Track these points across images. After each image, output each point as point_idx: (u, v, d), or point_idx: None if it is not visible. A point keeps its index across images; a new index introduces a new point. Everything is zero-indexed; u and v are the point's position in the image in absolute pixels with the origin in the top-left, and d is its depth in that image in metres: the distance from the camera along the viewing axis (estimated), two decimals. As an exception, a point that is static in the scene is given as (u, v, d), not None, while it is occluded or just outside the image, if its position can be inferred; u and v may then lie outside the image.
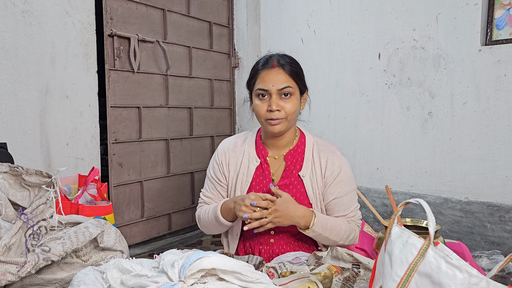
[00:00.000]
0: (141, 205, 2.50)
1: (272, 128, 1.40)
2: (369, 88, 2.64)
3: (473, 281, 0.75)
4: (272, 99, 1.38)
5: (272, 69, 1.39)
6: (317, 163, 1.48)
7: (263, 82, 1.39)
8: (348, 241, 1.45)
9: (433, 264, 0.80)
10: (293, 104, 1.40)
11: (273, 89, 1.37)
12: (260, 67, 1.42)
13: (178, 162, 2.73)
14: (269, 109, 1.38)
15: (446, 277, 0.77)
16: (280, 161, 1.50)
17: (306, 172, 1.47)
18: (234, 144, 1.55)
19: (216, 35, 2.99)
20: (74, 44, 2.09)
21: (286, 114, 1.39)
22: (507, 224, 2.15)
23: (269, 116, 1.39)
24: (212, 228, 1.51)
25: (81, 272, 0.99)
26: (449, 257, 0.80)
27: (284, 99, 1.39)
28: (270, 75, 1.38)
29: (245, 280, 0.97)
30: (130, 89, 2.39)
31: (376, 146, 2.62)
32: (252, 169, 1.49)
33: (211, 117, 2.97)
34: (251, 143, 1.53)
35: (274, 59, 1.41)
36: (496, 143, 2.19)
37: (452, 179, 2.34)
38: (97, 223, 1.18)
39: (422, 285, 0.80)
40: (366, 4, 2.62)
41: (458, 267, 0.77)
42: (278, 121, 1.39)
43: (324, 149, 1.50)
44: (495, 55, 2.17)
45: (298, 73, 1.44)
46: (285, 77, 1.39)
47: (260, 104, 1.40)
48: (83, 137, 2.14)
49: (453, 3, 2.28)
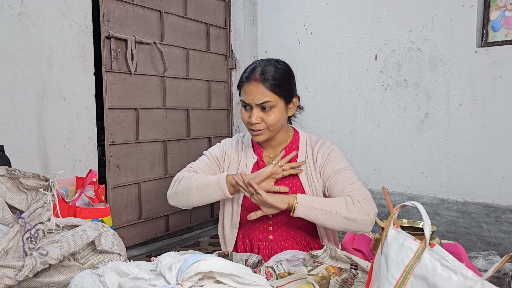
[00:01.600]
0: (139, 207, 2.50)
1: (255, 138, 1.45)
2: (366, 89, 2.65)
3: (468, 284, 0.76)
4: (253, 111, 1.40)
5: (253, 83, 1.38)
6: (310, 157, 1.51)
7: (244, 95, 1.41)
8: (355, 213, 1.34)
9: (428, 266, 0.80)
10: (275, 115, 1.41)
11: (252, 103, 1.39)
12: (244, 78, 1.43)
13: (175, 164, 2.73)
14: (248, 120, 1.41)
15: (442, 280, 0.78)
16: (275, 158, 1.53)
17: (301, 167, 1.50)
18: (236, 142, 1.61)
19: (213, 37, 3.00)
20: (71, 46, 2.08)
21: (267, 125, 1.41)
22: (503, 225, 2.16)
23: (251, 127, 1.42)
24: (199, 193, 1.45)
25: (79, 275, 0.99)
26: (444, 259, 0.81)
27: (265, 112, 1.40)
28: (250, 88, 1.39)
29: (242, 283, 0.97)
30: (127, 90, 2.39)
31: (373, 147, 2.63)
32: (250, 166, 1.53)
33: (208, 118, 2.97)
34: (249, 142, 1.58)
35: (257, 71, 1.40)
36: (492, 144, 2.20)
37: (448, 180, 2.35)
38: (95, 225, 1.18)
39: (418, 287, 0.81)
40: (362, 6, 2.63)
41: (453, 269, 0.78)
42: (260, 132, 1.42)
43: (315, 142, 1.54)
44: (490, 57, 2.18)
45: (281, 84, 1.41)
46: (264, 92, 1.38)
47: (244, 113, 1.44)
48: (80, 139, 2.14)
49: (449, 4, 2.29)
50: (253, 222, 1.53)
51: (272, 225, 1.52)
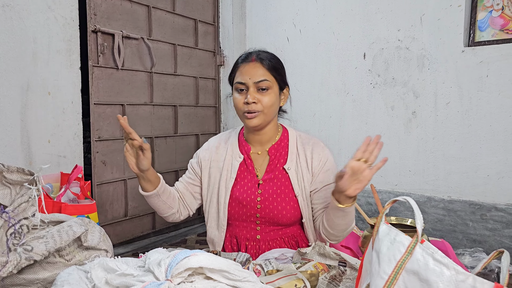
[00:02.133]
0: (125, 204, 2.47)
1: (249, 121, 1.42)
2: (354, 88, 2.66)
3: (460, 278, 0.76)
4: (249, 91, 1.39)
5: (250, 63, 1.40)
6: (302, 156, 1.50)
7: (241, 75, 1.41)
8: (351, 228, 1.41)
9: (420, 261, 0.80)
10: (270, 98, 1.41)
11: (250, 81, 1.39)
12: (239, 61, 1.44)
13: (162, 161, 2.70)
14: (245, 101, 1.39)
15: (434, 274, 0.78)
16: (263, 156, 1.52)
17: (291, 165, 1.48)
18: (219, 142, 1.58)
19: (202, 33, 2.97)
20: (56, 40, 2.04)
21: (263, 107, 1.40)
22: (488, 222, 2.19)
23: (246, 109, 1.40)
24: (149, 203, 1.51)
25: (65, 272, 0.96)
26: (436, 254, 0.81)
27: (261, 93, 1.40)
28: (248, 68, 1.40)
29: (232, 279, 0.96)
30: (114, 86, 2.35)
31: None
32: (236, 165, 1.50)
33: (196, 115, 2.95)
34: (234, 141, 1.55)
35: (254, 54, 1.43)
36: (478, 143, 2.23)
37: (435, 178, 2.38)
38: (81, 221, 1.16)
39: (409, 282, 0.81)
40: (351, 4, 2.63)
41: (446, 264, 0.78)
42: (255, 114, 1.40)
43: (308, 141, 1.52)
44: (477, 56, 2.21)
45: (277, 68, 1.45)
46: (262, 70, 1.40)
47: (238, 97, 1.42)
48: (66, 134, 2.10)
49: (437, 4, 2.31)
50: (241, 222, 1.51)
51: (260, 224, 1.50)
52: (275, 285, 1.15)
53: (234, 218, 1.50)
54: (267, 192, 1.47)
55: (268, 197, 1.47)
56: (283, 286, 1.15)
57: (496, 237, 2.17)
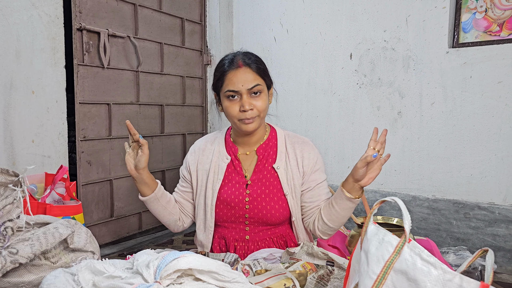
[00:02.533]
0: (111, 204, 2.44)
1: (246, 127, 1.41)
2: (341, 88, 2.68)
3: (447, 277, 0.77)
4: (243, 99, 1.37)
5: (239, 69, 1.37)
6: (292, 155, 1.50)
7: (231, 84, 1.37)
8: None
9: (408, 261, 0.81)
10: (264, 101, 1.42)
11: (243, 89, 1.37)
12: (226, 68, 1.39)
13: (148, 160, 2.66)
14: (242, 109, 1.38)
15: (421, 274, 0.79)
16: (251, 156, 1.52)
17: (281, 164, 1.49)
18: (205, 144, 1.57)
19: (188, 32, 2.96)
20: (40, 38, 2.00)
21: (259, 111, 1.40)
22: (472, 221, 2.23)
23: (242, 116, 1.39)
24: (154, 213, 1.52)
25: (51, 275, 0.95)
26: (423, 254, 0.82)
27: (255, 97, 1.40)
28: (238, 75, 1.37)
29: (221, 280, 0.96)
30: (99, 85, 2.32)
31: (347, 145, 2.67)
32: (223, 167, 1.50)
33: (182, 114, 2.93)
34: (221, 142, 1.54)
35: (239, 58, 1.39)
36: (462, 143, 2.27)
37: (420, 178, 2.41)
38: (67, 223, 1.14)
39: (398, 282, 0.81)
40: (338, 5, 2.65)
41: (433, 264, 0.79)
42: (252, 120, 1.40)
43: (297, 140, 1.53)
44: (461, 57, 2.24)
45: (264, 69, 1.44)
46: (253, 75, 1.38)
47: (231, 105, 1.40)
48: (50, 134, 2.07)
49: (423, 5, 2.34)
50: (229, 223, 1.51)
51: (249, 225, 1.50)
52: (264, 285, 1.15)
53: (222, 219, 1.49)
54: (255, 192, 1.47)
55: (256, 197, 1.47)
56: (272, 285, 1.15)
57: (479, 235, 2.21)
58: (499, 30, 2.18)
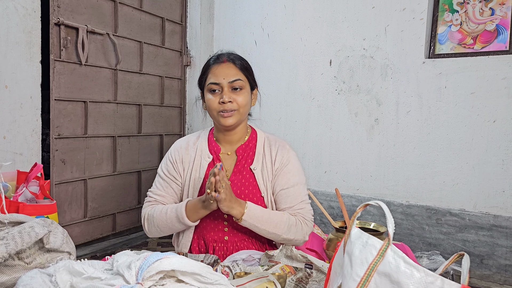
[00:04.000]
0: (84, 205, 2.38)
1: (225, 120, 1.43)
2: (320, 93, 2.71)
3: (429, 280, 0.79)
4: (224, 91, 1.41)
5: (222, 64, 1.43)
6: (268, 156, 1.52)
7: (214, 76, 1.42)
8: (293, 234, 1.44)
9: (392, 264, 0.83)
10: (244, 97, 1.45)
11: (224, 81, 1.41)
12: (211, 62, 1.46)
13: (125, 161, 2.63)
14: (221, 101, 1.41)
15: (405, 276, 0.80)
16: (232, 156, 1.53)
17: (257, 165, 1.50)
18: (187, 143, 1.56)
19: (169, 32, 2.93)
20: (15, 31, 1.94)
21: (238, 106, 1.43)
22: (443, 227, 2.30)
23: (222, 108, 1.41)
24: (166, 229, 1.46)
25: (27, 275, 0.91)
26: (406, 257, 0.84)
27: (236, 92, 1.43)
28: (221, 69, 1.42)
29: (204, 282, 0.95)
30: (76, 82, 2.26)
31: (325, 150, 2.70)
32: (204, 165, 1.50)
33: (160, 115, 2.90)
34: (204, 141, 1.55)
35: (224, 55, 1.46)
36: (435, 151, 2.33)
37: (395, 184, 2.46)
38: (43, 222, 1.10)
39: (381, 284, 0.83)
40: (319, 11, 2.68)
41: (416, 267, 0.80)
42: (231, 113, 1.42)
43: (275, 143, 1.55)
44: (437, 68, 2.31)
45: (248, 68, 1.50)
46: (235, 70, 1.44)
47: (212, 98, 1.43)
48: (23, 130, 2.00)
49: (401, 16, 2.40)
50: (208, 223, 1.50)
51: (228, 225, 1.50)
52: (246, 287, 1.14)
53: (201, 219, 1.48)
54: (235, 193, 1.47)
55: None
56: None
57: (450, 241, 2.28)
58: (473, 43, 2.26)
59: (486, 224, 2.17)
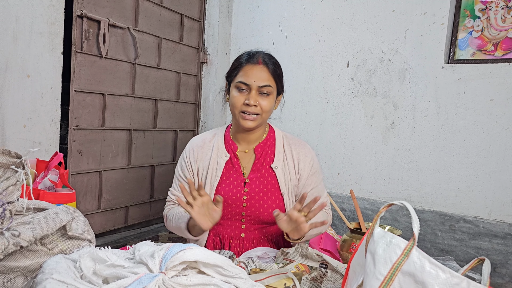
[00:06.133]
0: (99, 196, 2.40)
1: (245, 122, 1.43)
2: (336, 95, 2.70)
3: (454, 281, 0.79)
4: (251, 93, 1.41)
5: (257, 65, 1.42)
6: (289, 156, 1.53)
7: (245, 76, 1.41)
8: (326, 226, 1.55)
9: (417, 264, 0.83)
10: (270, 102, 1.44)
11: (254, 84, 1.40)
12: (244, 60, 1.44)
13: (139, 154, 2.64)
14: (246, 102, 1.41)
15: (430, 277, 0.80)
16: (250, 154, 1.53)
17: (279, 164, 1.51)
18: (203, 141, 1.56)
19: (187, 28, 2.94)
20: (40, 21, 1.97)
21: (262, 110, 1.43)
22: (456, 233, 2.28)
23: (245, 109, 1.42)
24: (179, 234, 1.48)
25: (52, 260, 0.93)
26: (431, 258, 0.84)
27: (262, 96, 1.43)
28: (254, 70, 1.41)
29: (225, 275, 0.96)
30: (96, 74, 2.29)
31: (339, 152, 2.69)
32: (221, 164, 1.50)
33: (175, 111, 2.91)
34: (220, 139, 1.55)
35: (260, 56, 1.44)
36: (451, 156, 2.32)
37: (408, 188, 2.45)
38: (67, 209, 1.12)
39: (405, 284, 0.83)
40: (338, 13, 2.68)
41: (441, 267, 0.80)
42: (253, 117, 1.42)
43: (295, 142, 1.56)
44: (456, 74, 2.30)
45: (280, 74, 1.49)
46: (267, 75, 1.43)
47: (238, 96, 1.43)
48: (43, 120, 2.02)
49: (422, 20, 2.39)
50: (226, 220, 1.51)
51: (245, 223, 1.51)
52: (264, 283, 1.15)
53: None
54: (253, 191, 1.48)
55: (254, 196, 1.48)
56: (272, 284, 1.15)
57: (463, 248, 2.26)
58: (494, 49, 2.25)
59: (501, 232, 2.15)
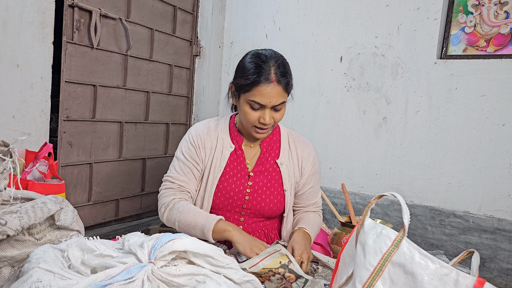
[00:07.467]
0: (89, 189, 2.38)
1: (258, 135, 1.44)
2: (329, 89, 2.70)
3: (443, 272, 0.79)
4: (266, 112, 1.37)
5: (271, 84, 1.34)
6: (294, 153, 1.55)
7: (260, 96, 1.35)
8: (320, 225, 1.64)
9: (406, 254, 0.83)
10: (282, 112, 1.44)
11: (270, 105, 1.37)
12: (257, 78, 1.35)
13: (130, 147, 2.62)
14: (261, 121, 1.38)
15: (419, 267, 0.80)
16: (255, 148, 1.54)
17: (284, 160, 1.52)
18: (208, 128, 1.53)
19: (180, 21, 2.92)
20: (30, 10, 1.93)
21: (275, 122, 1.43)
22: (446, 228, 2.30)
23: (259, 125, 1.40)
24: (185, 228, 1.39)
25: (39, 249, 0.92)
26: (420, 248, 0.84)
27: (276, 110, 1.41)
28: (269, 90, 1.34)
29: (215, 265, 0.95)
30: (87, 65, 2.26)
31: (331, 146, 2.69)
32: (226, 155, 1.49)
33: (168, 103, 2.89)
34: (225, 129, 1.53)
35: (273, 71, 1.35)
36: (442, 152, 2.33)
37: (399, 183, 2.46)
38: (55, 199, 1.11)
39: (395, 274, 0.83)
40: (332, 7, 2.67)
41: (431, 258, 0.81)
42: (266, 130, 1.43)
43: (299, 140, 1.58)
44: (448, 69, 2.30)
45: (290, 82, 1.45)
46: (282, 92, 1.38)
47: (251, 112, 1.38)
48: (32, 111, 2.00)
49: (415, 16, 2.39)
50: (224, 212, 1.50)
51: (244, 216, 1.51)
52: (259, 267, 1.15)
53: (218, 207, 1.48)
54: (257, 184, 1.49)
55: (257, 189, 1.48)
56: (267, 266, 1.15)
57: (453, 242, 2.28)
58: (486, 45, 2.25)
59: (490, 227, 2.17)
